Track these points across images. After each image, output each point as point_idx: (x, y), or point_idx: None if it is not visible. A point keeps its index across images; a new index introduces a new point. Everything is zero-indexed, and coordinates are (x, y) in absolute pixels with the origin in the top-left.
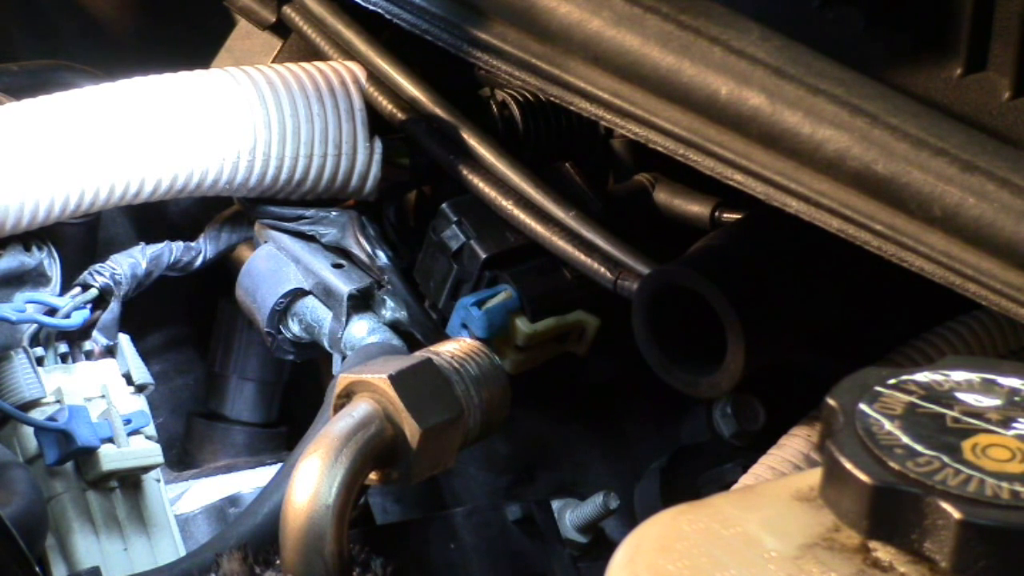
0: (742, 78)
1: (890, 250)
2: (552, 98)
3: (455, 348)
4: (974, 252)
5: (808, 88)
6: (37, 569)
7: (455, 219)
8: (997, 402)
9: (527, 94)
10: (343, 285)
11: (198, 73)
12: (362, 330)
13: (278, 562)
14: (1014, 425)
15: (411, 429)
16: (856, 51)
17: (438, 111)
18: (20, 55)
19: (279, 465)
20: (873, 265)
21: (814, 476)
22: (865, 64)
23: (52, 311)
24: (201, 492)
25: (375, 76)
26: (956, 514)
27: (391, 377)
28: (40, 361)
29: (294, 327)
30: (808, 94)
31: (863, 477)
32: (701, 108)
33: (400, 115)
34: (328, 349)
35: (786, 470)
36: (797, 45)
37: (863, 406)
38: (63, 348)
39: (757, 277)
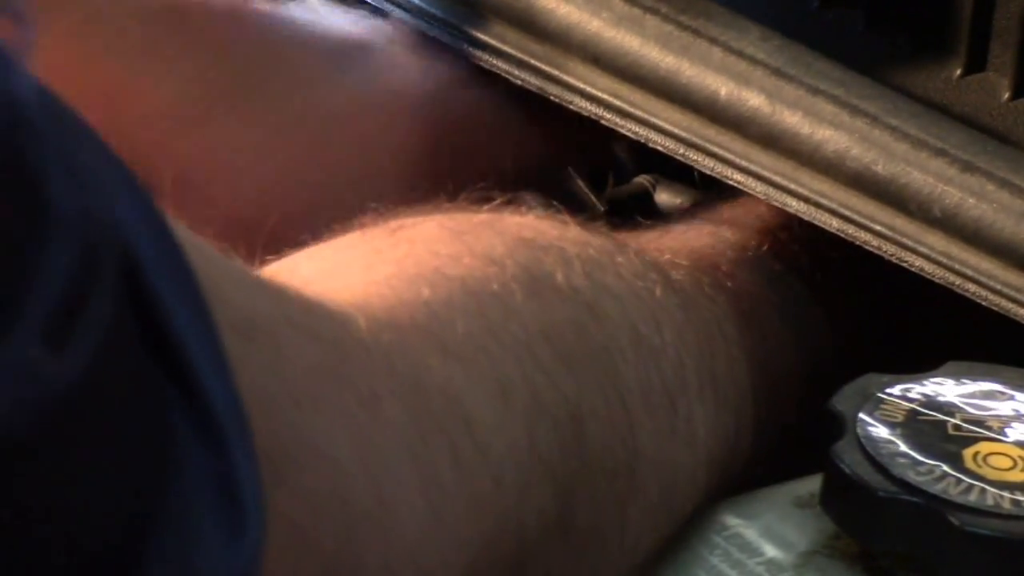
0: (742, 78)
1: (890, 250)
2: (552, 97)
3: None
4: (974, 252)
5: (808, 88)
6: None
7: None
8: (998, 409)
9: None
10: None
11: None
12: None
13: None
14: (1015, 432)
15: None
16: (856, 51)
17: None
18: None
19: None
20: (872, 266)
21: (814, 483)
22: (864, 64)
23: None
24: None
25: None
26: (957, 524)
27: None
28: None
29: None
30: (808, 94)
31: (864, 485)
32: (701, 108)
33: None
34: None
35: None
36: (796, 45)
37: (864, 414)
38: None
39: None
